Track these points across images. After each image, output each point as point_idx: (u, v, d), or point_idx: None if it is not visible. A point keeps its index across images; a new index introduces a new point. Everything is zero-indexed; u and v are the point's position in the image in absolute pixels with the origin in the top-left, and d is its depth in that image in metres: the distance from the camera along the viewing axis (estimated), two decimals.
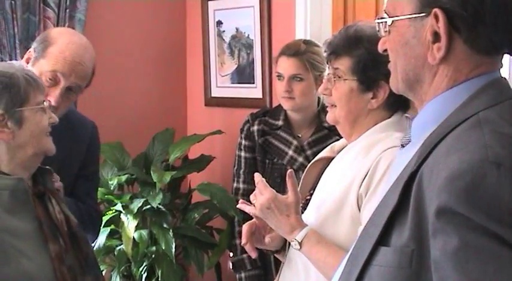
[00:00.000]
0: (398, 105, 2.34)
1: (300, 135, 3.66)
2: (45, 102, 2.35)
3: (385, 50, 1.61)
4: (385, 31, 1.56)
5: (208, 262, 4.26)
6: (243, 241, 2.43)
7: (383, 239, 1.41)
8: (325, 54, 2.45)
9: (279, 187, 2.59)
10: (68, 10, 4.25)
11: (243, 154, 3.80)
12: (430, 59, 1.47)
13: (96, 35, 4.53)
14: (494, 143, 1.30)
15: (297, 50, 3.56)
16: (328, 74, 2.41)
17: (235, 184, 3.85)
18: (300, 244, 2.26)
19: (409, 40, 1.51)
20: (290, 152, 3.61)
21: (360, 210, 2.24)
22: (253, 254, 2.45)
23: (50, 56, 2.73)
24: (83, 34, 4.28)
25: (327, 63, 2.44)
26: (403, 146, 1.62)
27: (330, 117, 2.43)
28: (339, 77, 2.34)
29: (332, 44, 2.38)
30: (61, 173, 2.59)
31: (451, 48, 1.45)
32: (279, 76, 3.62)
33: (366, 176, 2.24)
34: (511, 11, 1.43)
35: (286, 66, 3.58)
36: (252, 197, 2.36)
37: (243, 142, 3.80)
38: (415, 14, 1.48)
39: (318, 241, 2.26)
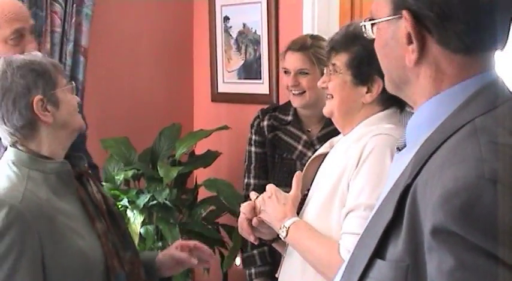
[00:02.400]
0: (392, 100, 2.37)
1: (309, 130, 3.66)
2: (69, 83, 2.47)
3: None
4: (372, 33, 1.58)
5: (225, 261, 4.26)
6: (243, 217, 2.53)
7: (379, 251, 1.40)
8: (326, 51, 2.55)
9: (288, 181, 2.63)
10: (75, 5, 4.24)
11: (253, 149, 3.79)
12: (407, 61, 1.47)
13: (103, 30, 4.54)
14: (491, 157, 1.27)
15: (303, 45, 3.57)
16: (328, 69, 2.50)
17: (246, 179, 3.83)
18: (287, 230, 2.36)
19: (389, 42, 1.51)
20: (299, 147, 3.61)
21: None
22: (251, 238, 2.56)
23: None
24: (90, 29, 4.31)
25: (327, 59, 2.52)
26: (399, 149, 1.61)
27: (325, 109, 2.52)
28: (336, 72, 2.44)
29: (332, 41, 2.49)
30: None
31: (425, 49, 1.45)
32: (286, 71, 3.62)
33: (355, 163, 2.31)
34: (481, 9, 1.41)
35: (292, 60, 3.58)
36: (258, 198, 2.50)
37: (254, 137, 3.79)
38: (389, 16, 1.48)
39: (303, 229, 2.36)
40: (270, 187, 2.51)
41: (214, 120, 4.86)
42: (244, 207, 2.53)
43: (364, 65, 2.36)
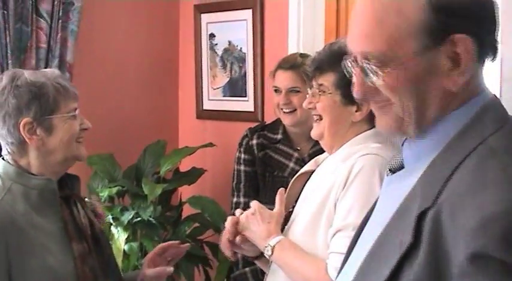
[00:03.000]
0: None
1: (299, 148, 3.66)
2: (76, 110, 2.43)
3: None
4: (378, 76, 1.46)
5: (215, 278, 4.24)
6: (226, 232, 2.53)
7: (393, 277, 1.36)
8: (310, 70, 2.53)
9: None
10: (60, 21, 4.23)
11: (242, 167, 3.78)
12: (452, 86, 1.41)
13: (89, 46, 4.54)
14: None
15: (294, 63, 3.58)
16: (313, 89, 2.48)
17: (235, 199, 3.81)
18: (272, 249, 2.36)
19: (423, 77, 1.42)
20: (291, 165, 3.61)
21: None
22: (227, 253, 2.57)
23: None
24: (75, 45, 4.30)
25: (311, 79, 2.51)
26: (391, 171, 1.56)
27: (314, 132, 2.51)
28: (324, 92, 2.42)
29: (316, 60, 2.47)
30: None
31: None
32: (277, 90, 3.63)
33: (343, 183, 2.30)
34: (496, 20, 1.43)
35: (283, 79, 3.59)
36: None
37: (243, 155, 3.78)
38: (426, 47, 1.41)
39: (289, 248, 2.35)
40: (254, 204, 2.50)
41: (199, 137, 4.86)
42: (228, 222, 2.53)
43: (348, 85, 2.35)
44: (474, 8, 1.40)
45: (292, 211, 2.56)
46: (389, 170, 1.57)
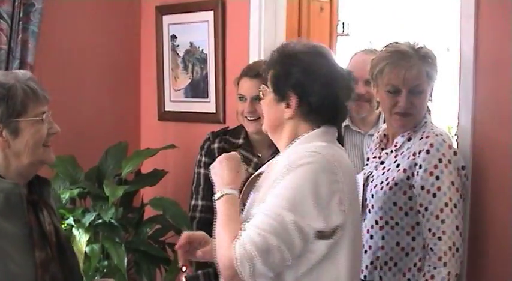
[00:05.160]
0: (323, 118, 2.48)
1: (259, 155, 3.66)
2: (44, 114, 2.41)
3: None
4: None
5: (165, 278, 4.24)
6: (177, 245, 2.63)
7: None
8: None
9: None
10: (21, 22, 4.21)
11: (202, 170, 3.76)
12: None
13: (50, 47, 4.52)
14: None
15: (259, 71, 3.57)
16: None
17: (193, 201, 3.78)
18: (222, 196, 2.41)
19: None
20: (250, 170, 3.60)
21: None
22: (181, 262, 2.62)
23: None
24: (36, 47, 4.27)
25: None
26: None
27: (257, 127, 2.69)
28: (266, 91, 2.55)
29: (266, 63, 2.60)
30: None
31: None
32: (241, 97, 3.61)
33: (280, 175, 2.35)
34: None
35: (248, 87, 3.57)
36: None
37: (203, 158, 3.76)
38: None
39: (232, 205, 2.40)
40: (235, 153, 2.61)
41: (161, 139, 4.86)
42: (184, 237, 2.63)
43: (281, 81, 2.47)
44: None
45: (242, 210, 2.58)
46: None
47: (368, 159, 3.37)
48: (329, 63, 2.48)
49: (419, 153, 2.97)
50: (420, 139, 3.02)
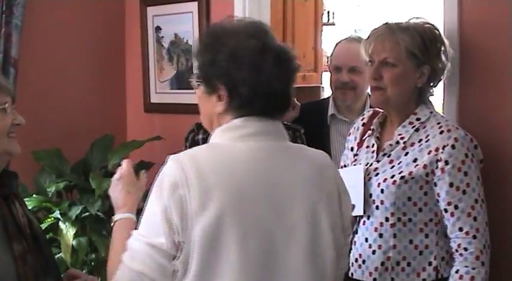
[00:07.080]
0: (246, 109, 2.09)
1: None
2: (7, 104, 2.37)
3: None
4: None
5: None
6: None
7: None
8: None
9: None
10: (4, 15, 4.19)
11: None
12: None
13: (34, 40, 4.50)
14: None
15: None
16: None
17: None
18: (114, 223, 2.31)
19: None
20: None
21: None
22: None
23: None
24: (20, 40, 4.26)
25: None
26: None
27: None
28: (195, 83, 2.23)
29: None
30: None
31: None
32: None
33: None
34: None
35: None
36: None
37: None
38: None
39: (124, 229, 2.25)
40: (124, 166, 2.43)
41: (147, 130, 4.85)
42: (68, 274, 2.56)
43: (207, 71, 2.12)
44: None
45: None
46: None
47: (352, 148, 3.20)
48: (260, 45, 2.06)
49: (442, 148, 2.83)
50: (441, 133, 2.88)
